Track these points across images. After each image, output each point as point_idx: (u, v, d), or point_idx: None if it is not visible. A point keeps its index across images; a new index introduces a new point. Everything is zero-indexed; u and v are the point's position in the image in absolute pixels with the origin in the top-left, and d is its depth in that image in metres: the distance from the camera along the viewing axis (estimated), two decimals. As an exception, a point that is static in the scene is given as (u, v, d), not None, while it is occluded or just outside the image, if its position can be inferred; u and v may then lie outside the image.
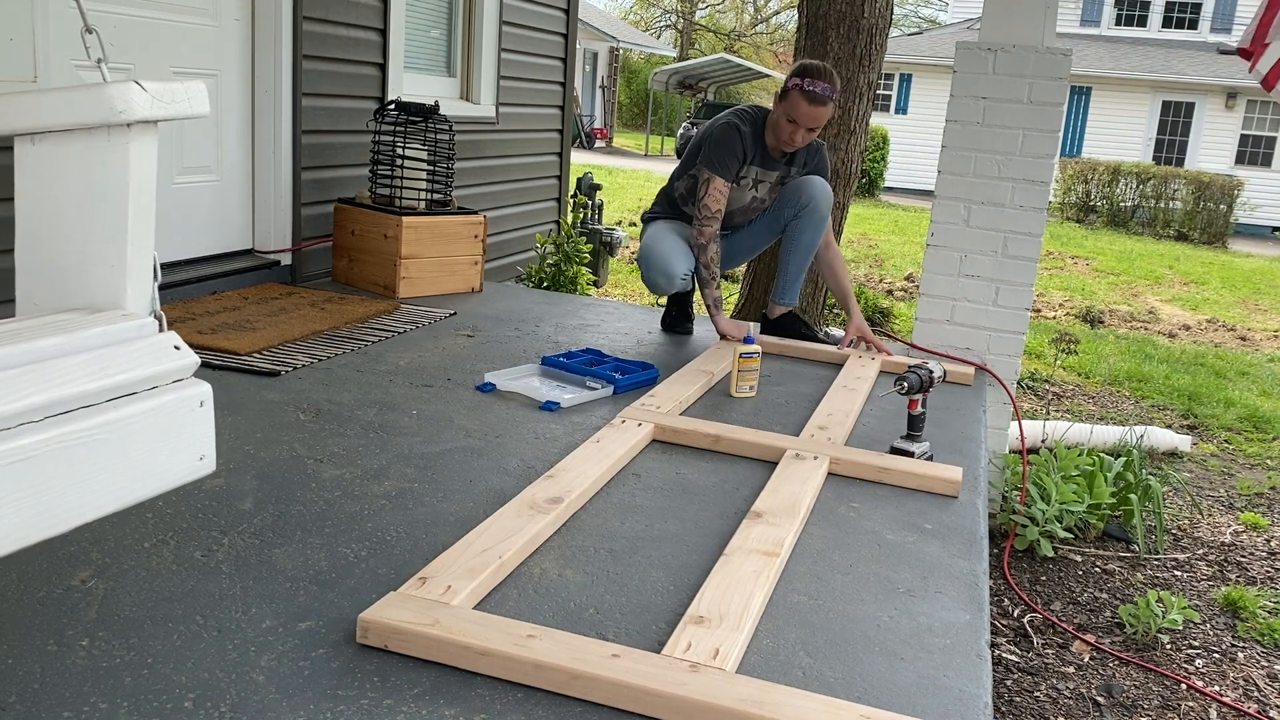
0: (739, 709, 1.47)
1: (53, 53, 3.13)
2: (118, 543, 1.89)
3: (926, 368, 2.78)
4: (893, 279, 10.28)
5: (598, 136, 27.84)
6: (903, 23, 39.06)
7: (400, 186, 4.13)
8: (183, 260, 3.82)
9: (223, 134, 3.92)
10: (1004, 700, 2.97)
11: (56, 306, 1.45)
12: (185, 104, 1.43)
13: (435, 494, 2.25)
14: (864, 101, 5.74)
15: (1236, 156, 19.86)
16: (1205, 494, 4.83)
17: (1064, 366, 7.15)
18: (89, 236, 1.43)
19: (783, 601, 1.89)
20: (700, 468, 2.57)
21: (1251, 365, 7.78)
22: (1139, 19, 21.92)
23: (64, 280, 1.45)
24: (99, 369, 1.31)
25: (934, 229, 3.94)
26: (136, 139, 1.41)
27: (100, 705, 1.42)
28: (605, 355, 3.38)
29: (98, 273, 1.44)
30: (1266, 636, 3.44)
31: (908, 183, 20.84)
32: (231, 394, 2.77)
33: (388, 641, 1.61)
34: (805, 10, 5.77)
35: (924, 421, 2.77)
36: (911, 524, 2.33)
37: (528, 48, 5.87)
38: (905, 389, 2.71)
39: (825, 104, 3.48)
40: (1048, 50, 3.72)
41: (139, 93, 1.37)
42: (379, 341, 3.44)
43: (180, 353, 1.43)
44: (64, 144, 1.41)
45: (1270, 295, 11.72)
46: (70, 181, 1.42)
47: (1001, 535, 3.88)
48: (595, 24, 28.13)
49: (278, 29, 3.94)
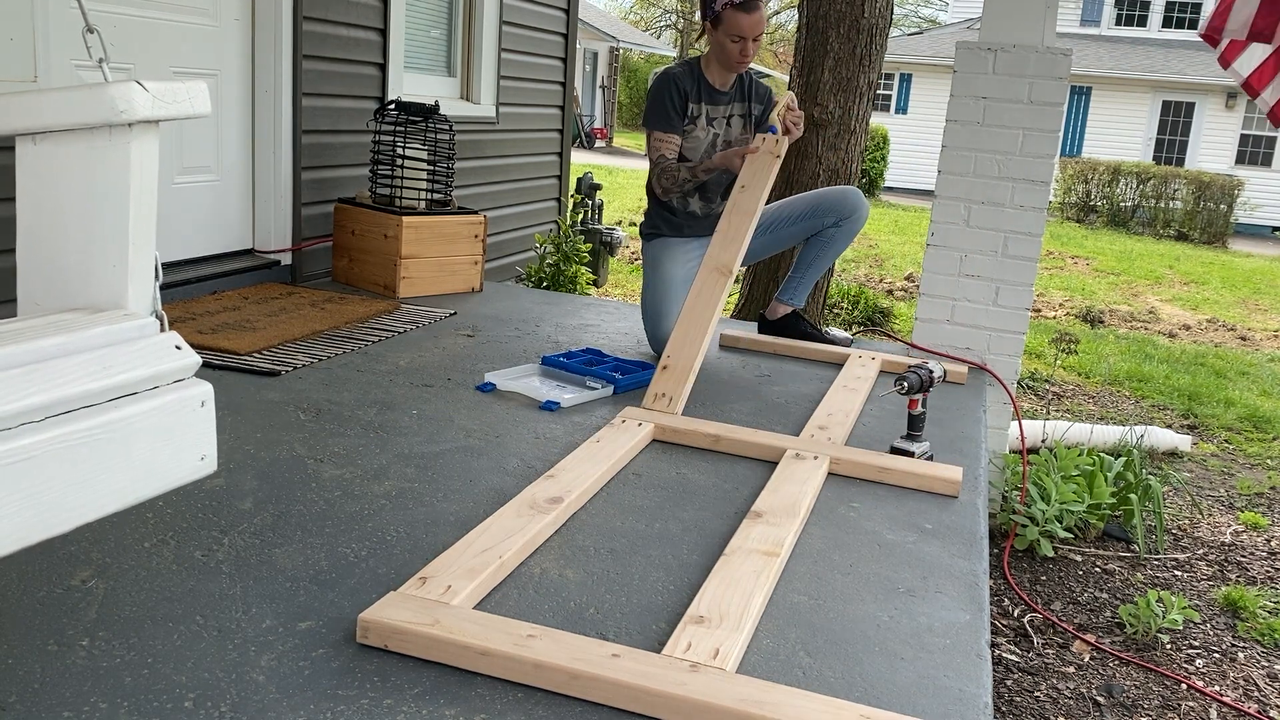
0: (739, 709, 1.47)
1: (53, 53, 3.13)
2: (118, 543, 1.90)
3: (926, 368, 2.78)
4: (893, 279, 10.28)
5: (598, 136, 27.84)
6: (903, 23, 39.03)
7: (400, 186, 4.13)
8: (183, 260, 3.82)
9: (223, 134, 3.92)
10: (1004, 700, 2.97)
11: (58, 306, 1.45)
12: (187, 104, 1.43)
13: (435, 494, 2.25)
14: (864, 101, 5.74)
15: (1236, 156, 19.86)
16: (1205, 494, 4.83)
17: (1064, 366, 7.15)
18: (91, 236, 1.43)
19: (783, 601, 1.90)
20: (700, 467, 2.57)
21: (1252, 365, 7.78)
22: (1139, 19, 21.92)
23: (65, 280, 1.45)
24: (101, 369, 1.31)
25: (934, 229, 3.94)
26: (138, 139, 1.41)
27: (100, 705, 1.43)
28: (605, 355, 3.38)
29: (99, 272, 1.44)
30: (1266, 636, 3.45)
31: (908, 183, 20.84)
32: (232, 394, 2.78)
33: (388, 641, 1.61)
34: (805, 10, 5.77)
35: (924, 421, 2.77)
36: (911, 524, 2.33)
37: (528, 47, 5.87)
38: (905, 389, 2.72)
39: (758, 7, 3.38)
40: (1048, 50, 3.73)
41: (140, 92, 1.37)
42: (379, 341, 3.44)
43: (181, 352, 1.43)
44: (65, 144, 1.41)
45: (1270, 295, 11.72)
46: (72, 181, 1.42)
47: (1002, 535, 3.88)
48: (595, 24, 28.12)
49: (278, 29, 3.94)
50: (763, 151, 3.36)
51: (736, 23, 3.39)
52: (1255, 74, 4.71)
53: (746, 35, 3.42)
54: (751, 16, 3.38)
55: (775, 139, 3.36)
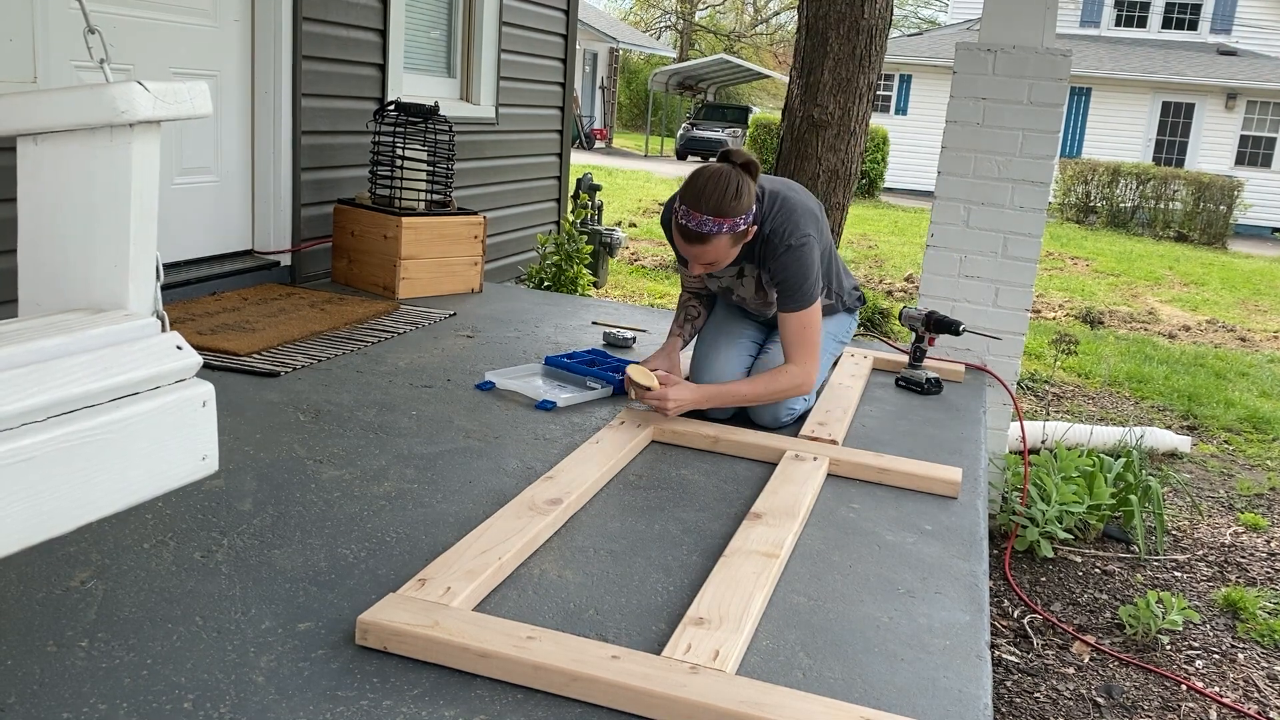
0: (739, 710, 1.47)
1: (53, 53, 3.13)
2: (117, 543, 1.89)
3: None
4: (892, 280, 10.28)
5: (597, 137, 27.84)
6: (902, 24, 39.06)
7: (400, 187, 4.13)
8: (183, 261, 3.82)
9: (222, 135, 3.92)
10: (1004, 701, 2.97)
11: (59, 307, 1.45)
12: (188, 104, 1.43)
13: (435, 495, 2.25)
14: (864, 102, 5.74)
15: (1236, 157, 19.88)
16: (1205, 495, 4.83)
17: (1064, 367, 7.15)
18: (91, 237, 1.43)
19: (782, 602, 1.90)
20: (700, 468, 2.57)
21: (1251, 366, 7.78)
22: (1139, 20, 21.93)
23: (66, 280, 1.45)
24: (102, 369, 1.31)
25: (934, 230, 3.94)
26: (139, 139, 1.41)
27: (100, 706, 1.43)
28: (608, 355, 3.38)
29: (100, 273, 1.44)
30: (1266, 637, 3.45)
31: (907, 183, 20.85)
32: (231, 395, 2.77)
33: (387, 643, 1.61)
34: (805, 11, 5.77)
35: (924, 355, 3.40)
36: (911, 525, 2.33)
37: (527, 48, 5.87)
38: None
39: (705, 241, 2.56)
40: (1047, 51, 3.73)
41: (142, 93, 1.37)
42: (379, 342, 3.44)
43: (182, 353, 1.43)
44: (66, 144, 1.41)
45: (1270, 296, 11.72)
46: (73, 182, 1.42)
47: (1002, 536, 3.88)
48: (595, 25, 28.13)
49: (277, 30, 3.94)
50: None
51: (675, 236, 2.68)
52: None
53: (687, 257, 2.71)
54: (690, 246, 2.63)
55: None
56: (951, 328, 3.47)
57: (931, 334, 3.50)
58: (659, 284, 9.03)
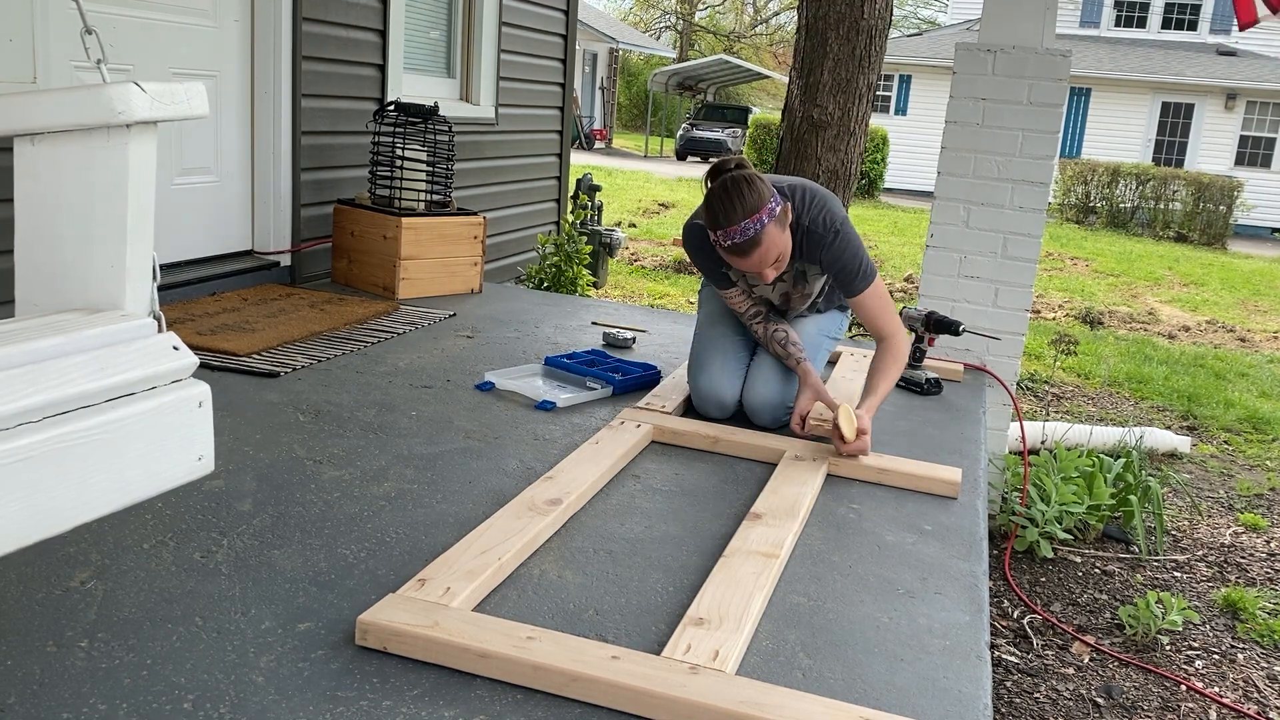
0: (739, 711, 1.47)
1: (52, 54, 3.13)
2: (117, 543, 1.89)
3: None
4: (892, 280, 10.28)
5: (597, 137, 27.84)
6: (902, 24, 39.07)
7: (400, 187, 4.13)
8: (182, 261, 3.81)
9: (222, 135, 3.92)
10: (1004, 701, 2.97)
11: (56, 307, 1.45)
12: (185, 105, 1.43)
13: (434, 495, 2.25)
14: (863, 102, 5.74)
15: (1236, 158, 19.88)
16: (1205, 495, 4.83)
17: (1063, 368, 7.15)
18: (88, 237, 1.43)
19: (782, 603, 1.89)
20: (699, 469, 2.57)
21: (1251, 366, 7.78)
22: (1139, 20, 21.94)
23: (63, 281, 1.45)
24: (98, 369, 1.31)
25: (933, 230, 3.94)
26: (136, 140, 1.41)
27: (99, 706, 1.42)
28: (607, 355, 3.38)
29: (97, 273, 1.44)
30: (1266, 638, 3.44)
31: (907, 184, 20.85)
32: (231, 395, 2.77)
33: (387, 643, 1.60)
34: (805, 11, 5.77)
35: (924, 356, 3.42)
36: (911, 525, 2.33)
37: (527, 49, 5.87)
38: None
39: (759, 242, 2.56)
40: (1047, 51, 3.73)
41: (138, 94, 1.36)
42: (378, 342, 3.44)
43: (179, 353, 1.43)
44: (63, 145, 1.41)
45: (1269, 296, 11.72)
46: (70, 182, 1.42)
47: (1001, 536, 3.88)
48: (595, 25, 28.13)
49: (277, 30, 3.94)
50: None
51: (735, 261, 2.67)
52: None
53: (746, 270, 2.71)
54: (741, 260, 2.64)
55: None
56: (951, 328, 3.48)
57: (931, 334, 3.51)
58: (659, 284, 9.03)
